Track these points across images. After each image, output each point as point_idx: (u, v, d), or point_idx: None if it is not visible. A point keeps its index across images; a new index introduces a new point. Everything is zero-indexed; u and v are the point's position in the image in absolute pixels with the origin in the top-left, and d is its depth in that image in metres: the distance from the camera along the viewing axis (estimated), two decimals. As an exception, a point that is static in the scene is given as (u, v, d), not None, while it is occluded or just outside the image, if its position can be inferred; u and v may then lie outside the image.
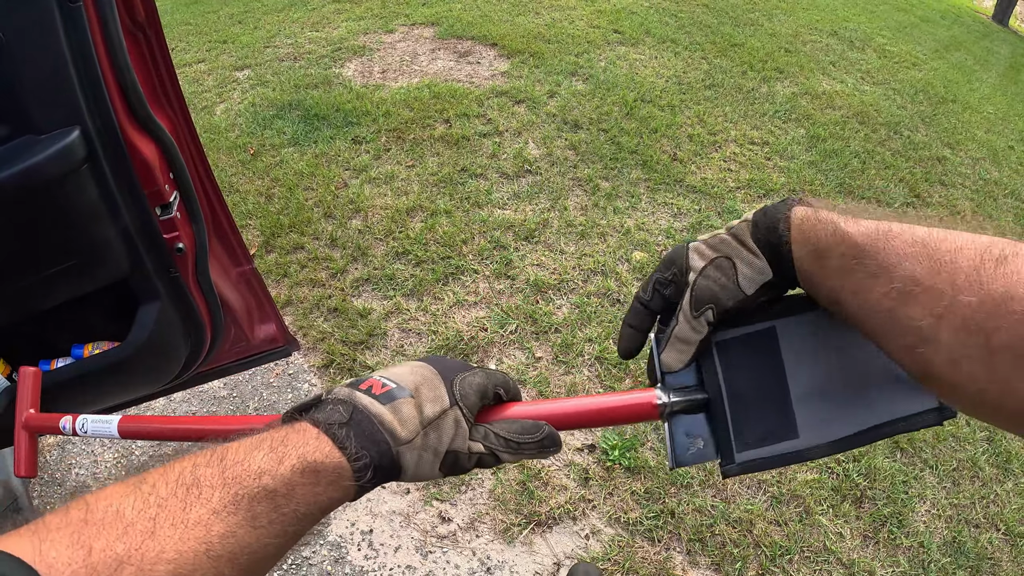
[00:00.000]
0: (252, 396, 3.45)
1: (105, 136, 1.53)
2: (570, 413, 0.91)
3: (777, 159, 5.70)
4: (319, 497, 0.71)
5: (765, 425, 0.86)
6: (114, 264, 1.71)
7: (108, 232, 1.64)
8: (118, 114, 1.54)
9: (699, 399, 0.88)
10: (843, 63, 8.44)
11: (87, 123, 1.49)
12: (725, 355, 0.88)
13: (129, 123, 1.58)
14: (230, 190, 4.78)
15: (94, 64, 1.47)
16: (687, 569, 2.79)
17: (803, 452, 0.86)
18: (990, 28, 15.57)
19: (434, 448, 0.80)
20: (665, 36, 7.94)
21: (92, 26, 1.45)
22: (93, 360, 1.90)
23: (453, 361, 0.89)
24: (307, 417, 0.77)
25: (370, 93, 6.09)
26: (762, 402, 0.87)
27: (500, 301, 3.91)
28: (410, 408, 0.80)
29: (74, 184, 1.52)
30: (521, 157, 5.20)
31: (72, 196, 1.53)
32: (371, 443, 0.75)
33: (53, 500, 3.02)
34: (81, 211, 1.57)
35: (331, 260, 4.15)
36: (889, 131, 6.76)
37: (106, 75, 1.50)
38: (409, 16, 8.03)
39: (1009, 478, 3.44)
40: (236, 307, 2.21)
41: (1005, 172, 6.70)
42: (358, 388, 0.81)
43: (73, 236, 1.61)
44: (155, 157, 1.64)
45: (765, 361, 0.87)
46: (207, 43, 7.58)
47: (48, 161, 1.44)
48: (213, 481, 0.66)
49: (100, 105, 1.50)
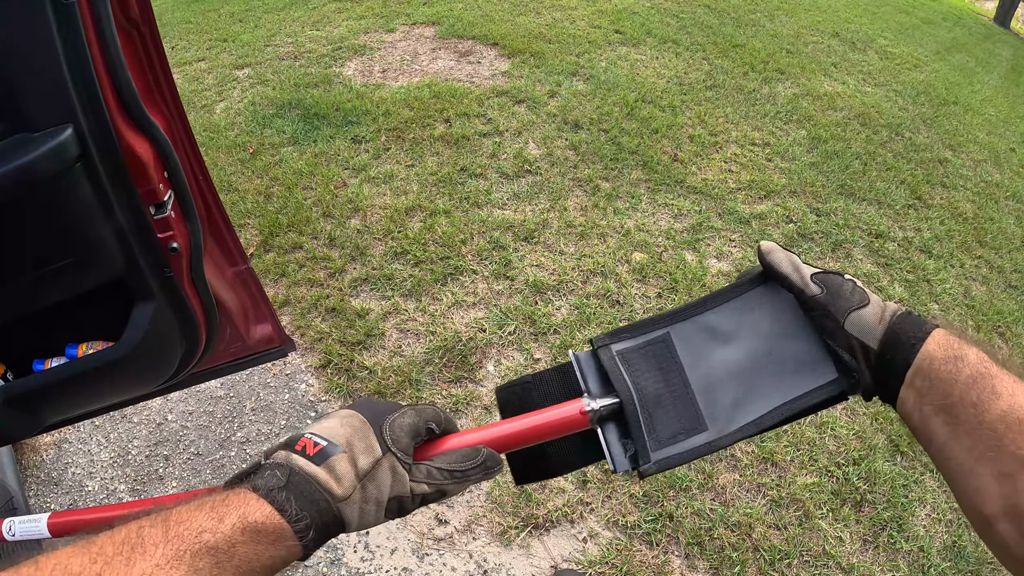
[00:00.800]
0: (249, 396, 3.44)
1: (98, 134, 1.51)
2: (506, 435, 0.95)
3: (778, 160, 5.69)
4: (261, 555, 0.72)
5: (675, 423, 0.95)
6: (108, 263, 1.69)
7: (101, 231, 1.62)
8: (112, 112, 1.52)
9: (616, 403, 0.95)
10: (845, 64, 8.44)
11: (80, 121, 1.48)
12: (627, 364, 0.98)
13: (123, 121, 1.56)
14: (229, 189, 4.77)
15: (87, 62, 1.45)
16: (685, 573, 2.78)
17: (713, 443, 0.94)
18: (992, 30, 15.57)
19: (375, 499, 0.81)
20: (666, 36, 7.94)
21: (85, 23, 1.43)
22: (87, 360, 1.88)
23: (382, 403, 0.91)
24: (247, 483, 0.78)
25: (370, 92, 6.09)
26: (668, 402, 0.95)
27: (499, 302, 3.89)
28: (344, 464, 0.81)
29: (67, 183, 1.50)
30: (521, 157, 5.19)
31: (65, 195, 1.51)
32: (310, 503, 0.76)
33: (49, 499, 3.01)
34: (74, 210, 1.55)
35: (329, 260, 4.14)
36: (891, 133, 6.75)
37: (99, 73, 1.48)
38: (410, 15, 8.03)
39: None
40: (232, 307, 2.19)
41: (1007, 174, 6.69)
42: (293, 450, 0.82)
43: (66, 235, 1.59)
44: (149, 155, 1.62)
45: (665, 364, 0.98)
46: (207, 41, 7.58)
47: (41, 159, 1.42)
48: (157, 539, 0.67)
49: (93, 103, 1.48)
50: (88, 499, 3.01)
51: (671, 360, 0.99)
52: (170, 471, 3.13)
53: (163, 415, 3.36)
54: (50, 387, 1.85)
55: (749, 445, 3.27)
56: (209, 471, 3.12)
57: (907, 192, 5.67)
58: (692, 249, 4.47)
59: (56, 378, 1.85)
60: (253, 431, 3.28)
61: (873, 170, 5.89)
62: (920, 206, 5.55)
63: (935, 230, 5.25)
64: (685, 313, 1.02)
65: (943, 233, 5.24)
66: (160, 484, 3.07)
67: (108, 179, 1.57)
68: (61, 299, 1.73)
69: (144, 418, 3.36)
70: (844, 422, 3.49)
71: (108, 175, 1.56)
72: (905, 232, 5.15)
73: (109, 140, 1.53)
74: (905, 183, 5.80)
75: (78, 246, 1.62)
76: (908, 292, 4.50)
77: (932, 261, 4.87)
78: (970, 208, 5.72)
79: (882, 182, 5.72)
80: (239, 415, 3.36)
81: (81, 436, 3.28)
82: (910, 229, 5.20)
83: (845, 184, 5.54)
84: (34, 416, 1.97)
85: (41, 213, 1.53)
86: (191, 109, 5.97)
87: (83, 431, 3.30)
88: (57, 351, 1.93)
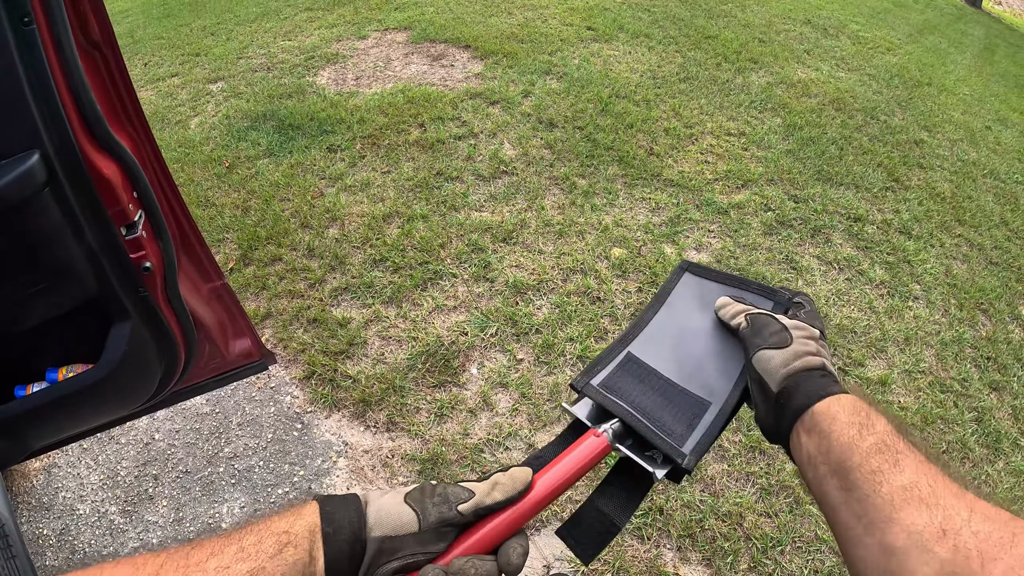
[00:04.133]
0: (235, 411, 3.43)
1: (65, 158, 1.51)
2: (545, 492, 0.86)
3: (754, 149, 5.71)
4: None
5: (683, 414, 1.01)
6: (81, 286, 1.69)
7: (73, 254, 1.62)
8: (77, 135, 1.51)
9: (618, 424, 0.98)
10: (817, 51, 8.47)
11: (46, 146, 1.47)
12: (611, 391, 1.04)
13: (89, 143, 1.56)
14: (206, 204, 4.76)
15: (50, 86, 1.44)
16: (678, 565, 2.79)
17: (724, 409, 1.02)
18: (963, 10, 15.63)
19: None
20: (638, 31, 7.95)
21: (46, 47, 1.43)
22: (68, 383, 1.88)
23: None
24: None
25: (344, 100, 6.08)
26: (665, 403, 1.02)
27: (479, 304, 3.90)
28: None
29: (37, 208, 1.49)
30: (497, 158, 5.19)
31: (35, 220, 1.51)
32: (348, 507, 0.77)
33: (41, 525, 2.99)
34: (45, 235, 1.55)
35: (309, 270, 4.13)
36: (866, 116, 6.78)
37: (63, 96, 1.48)
38: (382, 21, 8.02)
39: (1000, 457, 3.45)
40: (209, 323, 2.19)
41: (983, 152, 6.73)
42: None
43: (38, 260, 1.59)
44: (117, 177, 1.62)
45: (642, 376, 1.07)
46: (180, 56, 7.56)
47: (9, 186, 1.42)
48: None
49: (59, 127, 1.48)
50: (79, 522, 3.00)
51: (645, 370, 1.08)
52: (160, 490, 3.12)
53: (150, 434, 3.35)
54: (33, 412, 1.84)
55: (736, 435, 3.28)
56: (199, 488, 3.11)
57: (884, 175, 5.70)
58: (671, 242, 4.48)
59: (38, 403, 1.85)
60: (240, 446, 3.28)
61: (849, 154, 5.91)
62: (898, 188, 5.57)
63: (914, 211, 5.27)
64: (633, 331, 1.15)
65: (922, 214, 5.26)
66: (151, 504, 3.07)
67: (77, 202, 1.56)
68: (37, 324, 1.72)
69: (132, 438, 3.35)
70: (829, 407, 3.50)
71: (77, 198, 1.56)
72: (884, 215, 5.17)
73: (76, 163, 1.52)
74: (882, 166, 5.83)
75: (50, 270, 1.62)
76: (889, 274, 4.52)
77: (912, 242, 4.90)
78: (948, 188, 5.75)
79: (859, 166, 5.75)
80: (226, 431, 3.35)
81: (70, 460, 3.26)
82: (889, 211, 5.23)
83: (822, 170, 5.56)
84: (19, 442, 1.97)
85: (12, 239, 1.53)
86: (165, 125, 5.95)
87: (72, 454, 3.28)
88: (38, 376, 1.92)
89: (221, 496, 3.07)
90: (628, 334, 1.15)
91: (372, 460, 3.17)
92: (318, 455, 3.21)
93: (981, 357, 4.07)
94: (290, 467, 3.17)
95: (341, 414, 3.38)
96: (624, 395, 1.02)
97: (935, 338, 4.12)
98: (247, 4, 9.13)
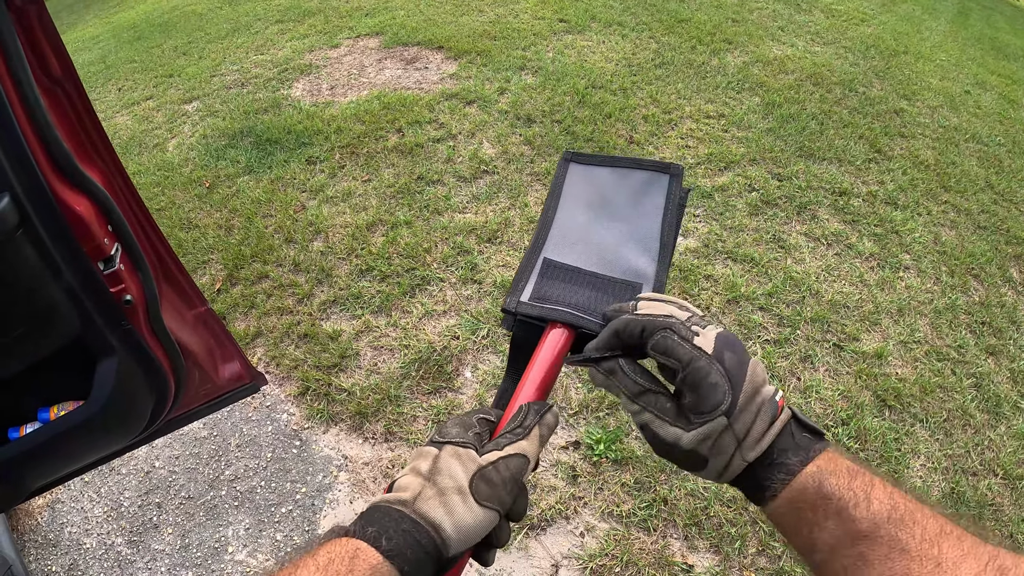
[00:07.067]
0: (232, 433, 3.42)
1: (36, 198, 1.49)
2: (536, 386, 0.95)
3: (735, 130, 5.71)
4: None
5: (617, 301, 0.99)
6: (63, 325, 1.67)
7: (52, 295, 1.60)
8: (46, 174, 1.50)
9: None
10: (791, 27, 8.47)
11: (16, 188, 1.46)
12: (542, 299, 1.04)
13: (59, 181, 1.54)
14: (189, 226, 4.74)
15: (13, 127, 1.43)
16: (687, 554, 2.79)
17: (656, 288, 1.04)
18: (934, -26, 15.65)
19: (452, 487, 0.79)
20: (611, 20, 7.94)
21: (6, 87, 1.41)
22: (60, 422, 1.87)
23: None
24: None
25: (320, 111, 6.06)
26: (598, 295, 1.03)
27: (469, 307, 3.89)
28: (406, 477, 0.82)
29: (11, 252, 1.48)
30: (477, 158, 5.18)
31: (9, 264, 1.50)
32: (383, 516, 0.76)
33: (49, 562, 2.98)
34: (21, 278, 1.53)
35: (296, 286, 4.12)
36: (844, 89, 6.79)
37: (28, 136, 1.46)
38: (353, 28, 8.00)
39: (1001, 422, 3.46)
40: (196, 350, 2.18)
41: (964, 117, 6.74)
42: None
43: (16, 303, 1.57)
44: (90, 212, 1.60)
45: (565, 277, 1.06)
46: (153, 79, 7.53)
47: (-17, 231, 1.40)
48: None
49: (26, 168, 1.46)
50: (87, 556, 2.99)
51: (567, 270, 1.08)
52: (164, 518, 3.11)
53: (150, 463, 3.34)
54: (28, 453, 1.83)
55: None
56: (203, 513, 3.10)
57: (866, 147, 5.70)
58: (658, 230, 4.46)
59: (33, 443, 1.84)
60: (241, 467, 3.26)
61: (830, 129, 5.92)
62: (881, 159, 5.58)
63: (898, 181, 5.27)
64: (541, 236, 1.14)
65: (907, 183, 5.27)
66: (156, 532, 3.05)
67: (52, 242, 1.55)
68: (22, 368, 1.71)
69: (132, 468, 3.33)
70: (828, 384, 3.51)
71: (51, 238, 1.54)
72: (869, 187, 5.17)
73: (47, 203, 1.51)
74: (864, 138, 5.83)
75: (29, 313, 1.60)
76: (878, 246, 4.52)
77: (899, 212, 4.90)
78: (931, 155, 5.76)
79: (840, 140, 5.75)
80: (225, 453, 3.34)
81: (73, 494, 3.25)
82: (873, 183, 5.23)
83: (804, 146, 5.56)
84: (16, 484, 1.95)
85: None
86: (143, 149, 5.92)
87: (74, 489, 3.27)
88: (30, 416, 1.91)
89: (225, 519, 3.06)
90: (537, 240, 1.13)
91: (373, 472, 3.16)
92: (319, 471, 3.20)
93: (976, 323, 4.07)
94: (292, 485, 3.16)
95: (339, 428, 3.37)
96: (557, 300, 1.02)
97: (928, 307, 4.12)
98: (217, 21, 9.10)
